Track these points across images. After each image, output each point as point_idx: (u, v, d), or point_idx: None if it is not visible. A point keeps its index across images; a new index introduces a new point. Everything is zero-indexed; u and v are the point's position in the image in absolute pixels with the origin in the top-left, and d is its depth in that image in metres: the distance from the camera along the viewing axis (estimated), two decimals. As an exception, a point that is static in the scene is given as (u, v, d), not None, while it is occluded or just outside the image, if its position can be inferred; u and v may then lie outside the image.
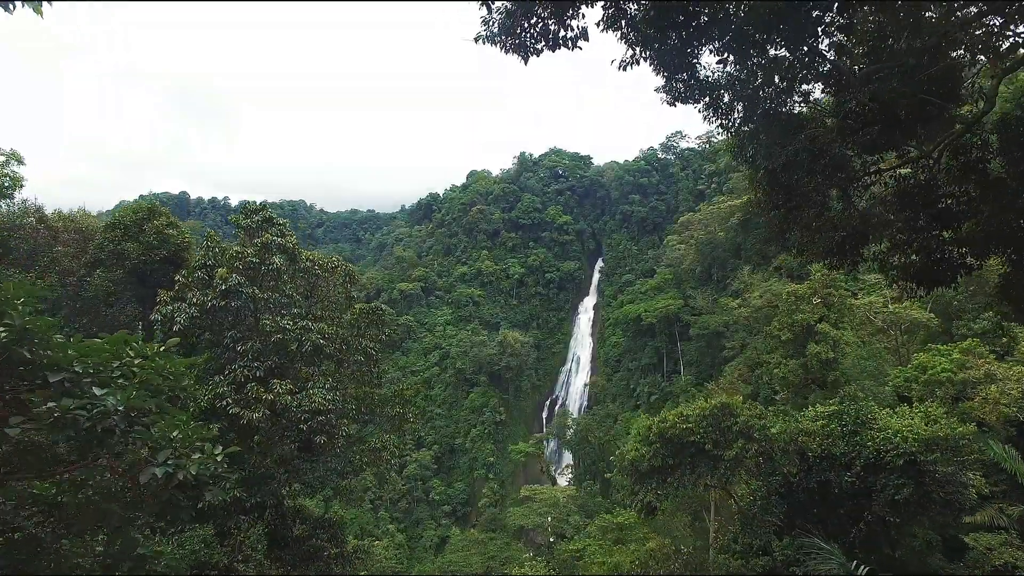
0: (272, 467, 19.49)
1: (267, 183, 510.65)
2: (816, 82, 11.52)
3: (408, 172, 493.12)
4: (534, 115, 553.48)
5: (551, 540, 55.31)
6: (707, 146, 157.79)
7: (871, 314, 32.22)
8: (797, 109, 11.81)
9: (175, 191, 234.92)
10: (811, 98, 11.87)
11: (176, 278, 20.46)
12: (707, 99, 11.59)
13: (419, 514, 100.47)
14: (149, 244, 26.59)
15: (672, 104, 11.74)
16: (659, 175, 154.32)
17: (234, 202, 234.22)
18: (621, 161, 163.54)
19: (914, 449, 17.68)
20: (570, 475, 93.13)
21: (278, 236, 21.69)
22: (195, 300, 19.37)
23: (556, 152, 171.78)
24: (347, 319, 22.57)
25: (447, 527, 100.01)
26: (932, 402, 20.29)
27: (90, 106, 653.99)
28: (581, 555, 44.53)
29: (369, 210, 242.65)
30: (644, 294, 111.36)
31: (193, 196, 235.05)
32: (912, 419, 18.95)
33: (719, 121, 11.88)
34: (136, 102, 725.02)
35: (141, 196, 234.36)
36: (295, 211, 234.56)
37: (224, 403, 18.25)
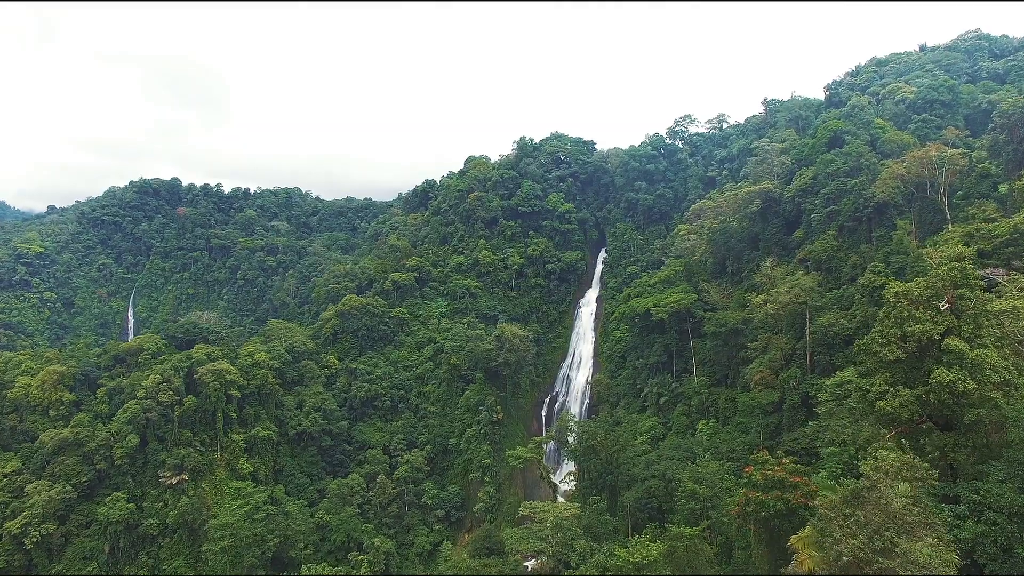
0: None
1: (262, 170, 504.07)
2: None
3: (408, 163, 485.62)
4: (535, 100, 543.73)
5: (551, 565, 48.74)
6: (718, 131, 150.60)
7: (1015, 325, 24.12)
8: None
9: (166, 177, 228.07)
10: None
11: None
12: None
13: (410, 519, 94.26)
14: None
15: None
16: (666, 161, 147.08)
17: (227, 189, 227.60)
18: (626, 147, 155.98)
19: None
20: (572, 481, 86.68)
21: None
22: None
23: (558, 137, 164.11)
24: None
25: (440, 532, 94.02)
26: None
27: (85, 96, 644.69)
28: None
29: (366, 198, 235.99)
30: (653, 287, 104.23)
31: (185, 183, 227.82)
32: None
33: None
34: (132, 91, 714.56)
35: (131, 182, 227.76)
36: (289, 198, 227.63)
37: None
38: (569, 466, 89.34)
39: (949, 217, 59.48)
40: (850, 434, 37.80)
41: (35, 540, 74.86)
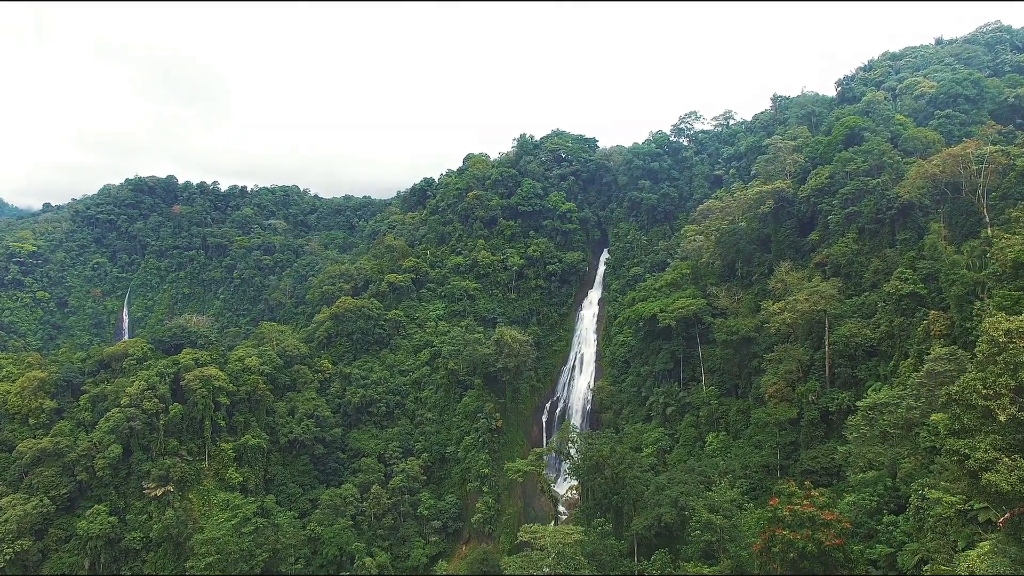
0: None
1: (259, 167, 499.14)
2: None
3: (407, 161, 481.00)
4: (536, 98, 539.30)
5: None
6: (724, 128, 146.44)
7: None
8: None
9: (163, 175, 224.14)
10: None
11: None
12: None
13: (406, 531, 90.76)
14: None
15: None
16: (671, 159, 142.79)
17: (224, 187, 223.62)
18: (629, 144, 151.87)
19: None
20: (575, 493, 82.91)
21: None
22: None
23: (559, 134, 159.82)
24: None
25: (437, 544, 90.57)
26: None
27: (85, 95, 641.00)
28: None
29: (365, 196, 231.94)
30: (659, 290, 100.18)
31: (181, 180, 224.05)
32: None
33: None
34: (132, 91, 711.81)
35: (127, 180, 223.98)
36: (287, 196, 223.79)
37: None
38: (570, 475, 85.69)
39: (988, 220, 55.33)
40: (886, 461, 34.00)
41: (8, 557, 71.28)
